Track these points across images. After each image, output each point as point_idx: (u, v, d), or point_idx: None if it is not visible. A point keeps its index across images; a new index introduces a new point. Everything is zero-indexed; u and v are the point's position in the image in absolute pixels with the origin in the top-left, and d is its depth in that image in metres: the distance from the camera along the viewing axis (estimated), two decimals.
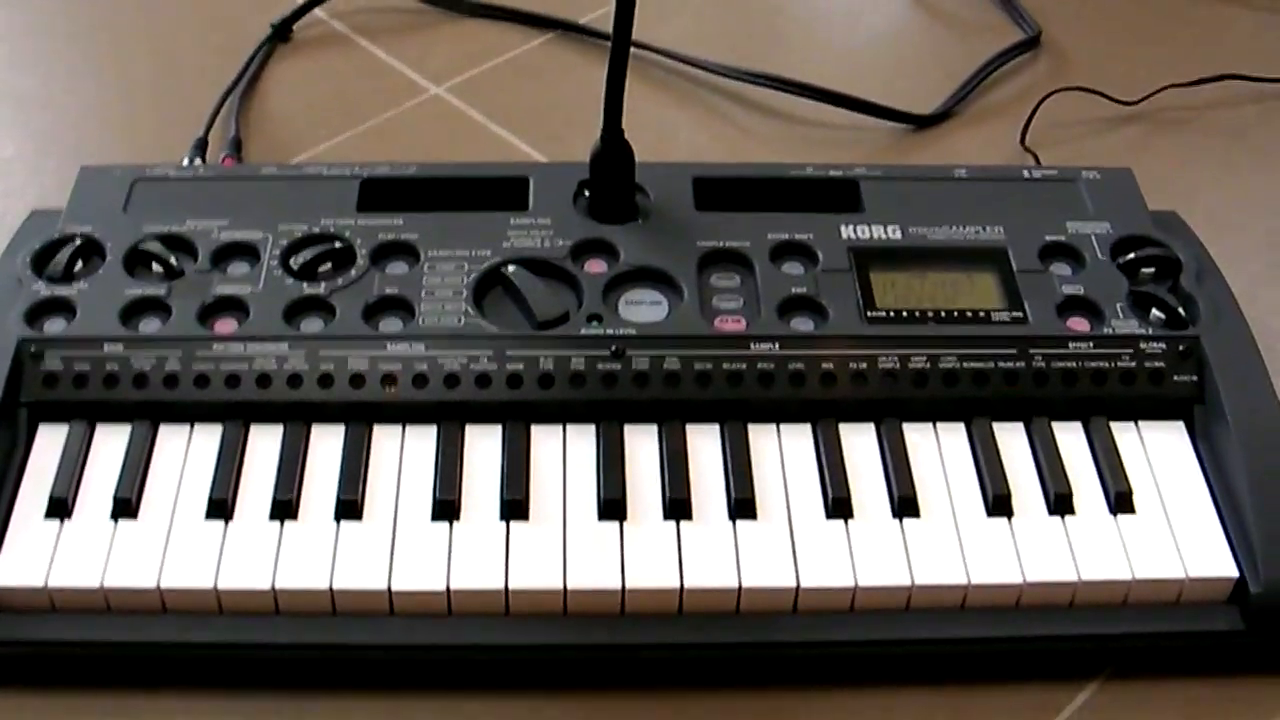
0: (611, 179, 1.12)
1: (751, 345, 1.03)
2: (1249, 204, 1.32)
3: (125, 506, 0.97)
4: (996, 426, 1.02)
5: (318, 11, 1.51)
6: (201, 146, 1.33)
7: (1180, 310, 1.06)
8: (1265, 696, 0.96)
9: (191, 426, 1.02)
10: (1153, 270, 1.10)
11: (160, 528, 0.96)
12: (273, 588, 0.93)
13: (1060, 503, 0.98)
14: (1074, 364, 1.03)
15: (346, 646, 0.94)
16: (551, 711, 0.94)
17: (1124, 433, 1.03)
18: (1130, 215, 1.14)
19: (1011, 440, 1.02)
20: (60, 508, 0.97)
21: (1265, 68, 1.44)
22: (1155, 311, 1.07)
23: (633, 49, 1.41)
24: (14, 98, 1.45)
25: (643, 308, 1.07)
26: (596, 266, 1.09)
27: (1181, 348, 1.04)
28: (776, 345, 1.03)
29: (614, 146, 1.10)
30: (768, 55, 1.46)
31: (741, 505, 0.97)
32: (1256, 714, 0.95)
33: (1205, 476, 1.01)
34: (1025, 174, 1.18)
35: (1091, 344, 1.04)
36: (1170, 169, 1.34)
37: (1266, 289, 1.22)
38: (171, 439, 1.01)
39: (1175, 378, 1.03)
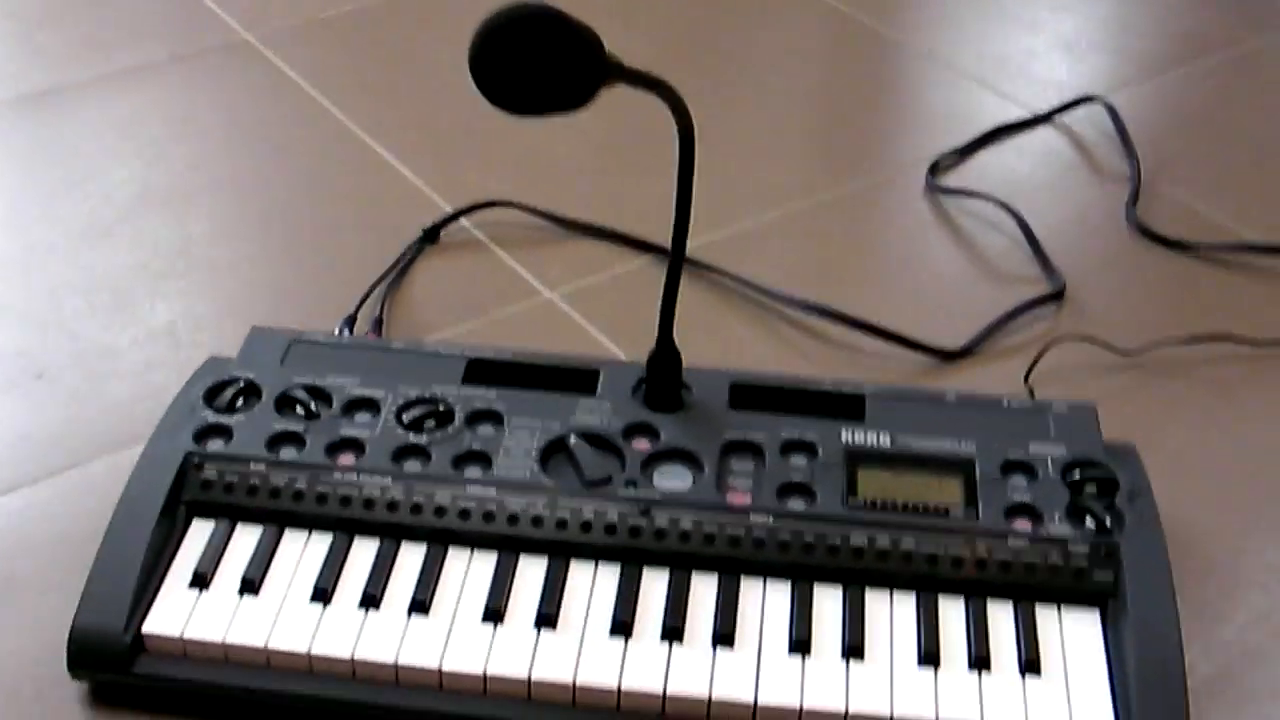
0: (661, 376, 1.29)
1: (751, 516, 1.20)
2: (1215, 449, 1.43)
3: (250, 585, 1.17)
4: (941, 598, 1.18)
5: (463, 220, 1.68)
6: (351, 321, 1.50)
7: (1107, 521, 1.20)
8: None
9: (309, 532, 1.21)
10: (1095, 489, 1.23)
11: (274, 604, 1.16)
12: (352, 657, 1.13)
13: (979, 661, 1.14)
14: (1010, 556, 1.18)
15: (402, 710, 1.12)
16: None
17: (1047, 613, 1.17)
18: (1085, 442, 1.28)
19: (950, 610, 1.17)
20: (201, 580, 1.17)
21: (1259, 330, 1.55)
22: (1088, 521, 1.21)
23: (714, 274, 1.63)
24: (210, 266, 1.62)
25: (672, 479, 1.24)
26: (641, 444, 1.26)
27: (1103, 551, 1.18)
28: (771, 518, 1.20)
29: (665, 351, 1.28)
30: (830, 287, 1.59)
31: (723, 636, 1.15)
32: None
33: (1107, 655, 1.15)
34: (1004, 402, 1.32)
35: (1027, 541, 1.19)
36: (1150, 412, 1.45)
37: (1219, 519, 1.35)
38: (292, 540, 1.20)
39: (1095, 575, 1.18)
